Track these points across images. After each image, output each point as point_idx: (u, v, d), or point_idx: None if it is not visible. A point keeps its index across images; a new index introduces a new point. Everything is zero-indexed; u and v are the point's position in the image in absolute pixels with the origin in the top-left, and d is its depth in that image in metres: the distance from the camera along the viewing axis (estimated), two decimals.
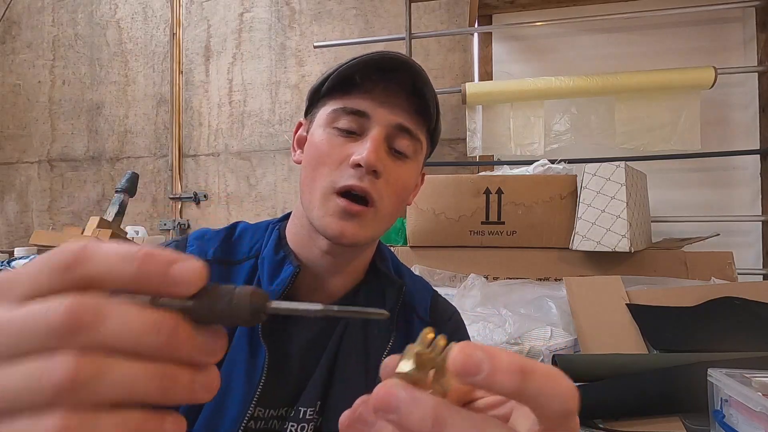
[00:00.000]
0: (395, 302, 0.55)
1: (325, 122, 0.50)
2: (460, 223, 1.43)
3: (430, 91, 0.49)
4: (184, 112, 2.42)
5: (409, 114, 0.50)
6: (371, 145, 0.46)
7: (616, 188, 1.28)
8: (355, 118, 0.48)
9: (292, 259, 0.53)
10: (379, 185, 0.48)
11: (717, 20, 1.80)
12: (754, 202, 1.76)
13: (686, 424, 0.84)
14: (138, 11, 2.49)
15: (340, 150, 0.48)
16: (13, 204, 2.61)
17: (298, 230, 0.54)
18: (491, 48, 2.03)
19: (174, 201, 2.40)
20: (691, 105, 1.62)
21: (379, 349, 0.53)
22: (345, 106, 0.49)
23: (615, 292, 1.14)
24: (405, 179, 0.51)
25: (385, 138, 0.48)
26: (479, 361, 0.18)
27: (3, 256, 1.43)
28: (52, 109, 2.57)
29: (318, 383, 0.51)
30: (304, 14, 2.28)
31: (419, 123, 0.51)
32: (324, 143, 0.49)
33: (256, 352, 0.49)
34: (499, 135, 1.78)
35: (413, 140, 0.51)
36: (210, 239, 0.56)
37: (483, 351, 0.18)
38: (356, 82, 0.48)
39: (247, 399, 0.48)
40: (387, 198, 0.49)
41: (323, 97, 0.52)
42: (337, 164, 0.48)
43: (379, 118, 0.48)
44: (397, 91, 0.49)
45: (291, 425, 0.50)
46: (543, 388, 0.18)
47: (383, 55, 0.47)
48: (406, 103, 0.49)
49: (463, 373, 0.18)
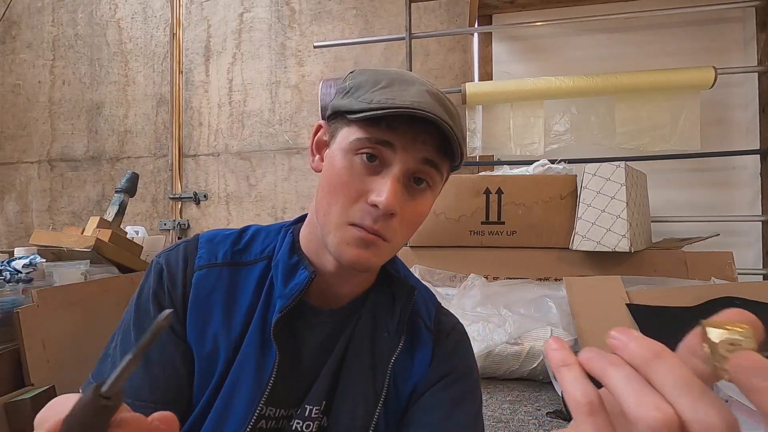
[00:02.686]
0: (406, 305, 0.55)
1: (347, 149, 0.49)
2: (460, 223, 1.43)
3: (458, 140, 0.48)
4: (184, 112, 2.42)
5: (434, 150, 0.49)
6: (391, 187, 0.46)
7: (616, 188, 1.28)
8: (379, 147, 0.48)
9: (306, 264, 0.53)
10: (393, 224, 0.48)
11: (717, 20, 1.80)
12: (754, 202, 1.76)
13: None
14: (138, 11, 2.49)
15: (360, 183, 0.47)
16: (13, 204, 2.61)
17: (312, 239, 0.54)
18: (491, 48, 2.03)
19: (174, 201, 2.40)
20: (691, 105, 1.62)
21: (387, 352, 0.53)
22: (371, 136, 0.47)
23: (615, 292, 1.14)
24: (421, 212, 0.51)
25: (405, 172, 0.48)
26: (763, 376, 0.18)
27: (3, 256, 1.43)
28: (52, 109, 2.57)
29: (325, 383, 0.51)
30: (304, 14, 2.28)
31: (443, 158, 0.50)
32: (345, 172, 0.48)
33: (266, 352, 0.50)
34: (499, 135, 1.78)
35: (435, 169, 0.50)
36: (220, 242, 0.56)
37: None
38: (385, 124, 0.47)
39: (255, 398, 0.48)
40: (400, 234, 0.50)
41: (347, 116, 0.51)
42: (354, 198, 0.48)
43: (404, 152, 0.48)
44: (424, 135, 0.48)
45: (297, 422, 0.50)
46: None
47: (416, 111, 0.45)
48: (431, 138, 0.49)
49: (746, 382, 0.19)
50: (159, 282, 0.52)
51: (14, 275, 1.28)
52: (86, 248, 1.50)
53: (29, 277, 1.30)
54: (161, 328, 0.25)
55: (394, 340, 0.54)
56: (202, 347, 0.51)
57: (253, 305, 0.52)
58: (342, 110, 0.50)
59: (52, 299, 1.22)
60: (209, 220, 2.38)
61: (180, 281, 0.52)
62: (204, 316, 0.51)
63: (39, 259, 1.34)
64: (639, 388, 0.21)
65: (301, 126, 2.28)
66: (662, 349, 0.21)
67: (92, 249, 1.50)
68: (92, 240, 1.50)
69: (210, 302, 0.52)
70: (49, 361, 1.17)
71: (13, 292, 1.23)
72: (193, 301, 0.52)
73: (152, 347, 0.51)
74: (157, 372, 0.49)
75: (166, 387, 0.49)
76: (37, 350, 1.15)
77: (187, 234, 2.40)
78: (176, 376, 0.50)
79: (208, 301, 0.52)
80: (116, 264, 1.56)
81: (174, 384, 0.50)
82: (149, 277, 0.53)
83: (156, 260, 0.54)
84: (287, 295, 0.51)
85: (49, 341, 1.19)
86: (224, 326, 0.51)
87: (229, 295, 0.53)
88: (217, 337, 0.51)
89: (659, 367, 0.21)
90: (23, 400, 1.04)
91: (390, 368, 0.53)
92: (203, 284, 0.52)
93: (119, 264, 1.56)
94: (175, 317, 0.51)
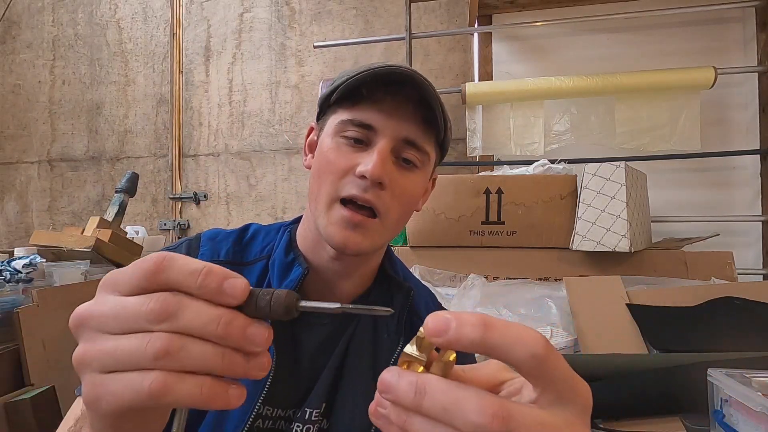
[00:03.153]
0: (403, 306, 0.55)
1: (333, 132, 0.50)
2: (460, 223, 1.43)
3: (437, 103, 0.49)
4: (184, 112, 2.42)
5: (416, 125, 0.50)
6: (377, 157, 0.47)
7: (616, 188, 1.28)
8: (362, 129, 0.49)
9: (301, 261, 0.53)
10: (385, 197, 0.48)
11: (717, 20, 1.80)
12: (754, 202, 1.76)
13: (686, 424, 0.84)
14: (138, 11, 2.49)
15: (347, 159, 0.48)
16: (13, 204, 2.61)
17: (308, 234, 0.55)
18: (491, 48, 2.03)
19: (174, 201, 2.41)
20: (691, 105, 1.62)
21: (387, 353, 0.54)
22: (353, 117, 0.49)
23: (615, 292, 1.14)
24: (411, 189, 0.51)
25: (391, 149, 0.49)
26: (447, 320, 0.21)
27: (3, 256, 1.43)
28: (52, 109, 2.57)
29: (325, 385, 0.51)
30: (304, 14, 2.28)
31: (427, 134, 0.51)
32: (331, 152, 0.49)
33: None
34: (499, 135, 1.78)
35: (420, 152, 0.51)
36: (222, 240, 0.56)
37: (449, 313, 0.22)
38: (364, 95, 0.48)
39: (253, 397, 0.48)
40: (392, 209, 0.49)
41: (332, 105, 0.52)
42: (342, 173, 0.48)
43: (386, 131, 0.48)
44: (404, 103, 0.49)
45: (297, 425, 0.50)
46: (504, 336, 0.21)
47: (390, 69, 0.47)
48: (413, 114, 0.50)
49: (435, 332, 0.21)
50: None
51: (14, 275, 1.28)
52: (86, 248, 1.50)
53: (29, 277, 1.30)
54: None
55: (394, 341, 0.54)
56: None
57: None
58: (324, 97, 0.51)
59: (52, 299, 1.22)
60: (209, 220, 2.38)
61: None
62: None
63: (39, 259, 1.34)
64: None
65: (301, 126, 2.28)
66: (425, 386, 0.22)
67: (92, 249, 1.50)
68: (92, 240, 1.50)
69: None
70: (49, 361, 1.17)
71: (13, 292, 1.23)
72: None
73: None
74: None
75: None
76: (37, 350, 1.15)
77: (187, 234, 2.40)
78: None
79: None
80: (116, 264, 1.56)
81: None
82: None
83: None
84: None
85: (49, 341, 1.19)
86: None
87: None
88: None
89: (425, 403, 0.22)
90: (23, 400, 1.04)
91: None
92: None
93: (119, 264, 1.56)
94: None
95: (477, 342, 0.21)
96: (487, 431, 0.20)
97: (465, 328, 0.21)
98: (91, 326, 0.25)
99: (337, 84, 0.50)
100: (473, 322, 0.21)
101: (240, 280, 0.25)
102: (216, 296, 0.25)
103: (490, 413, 0.20)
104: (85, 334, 0.25)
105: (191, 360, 0.24)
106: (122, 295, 0.25)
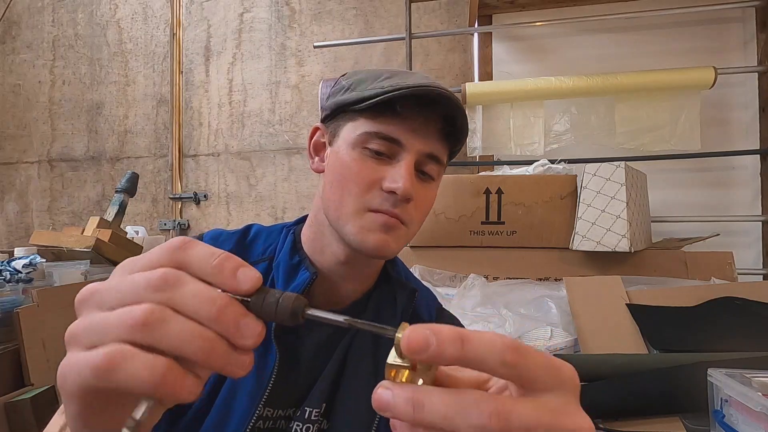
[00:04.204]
0: (407, 306, 0.56)
1: (354, 142, 0.49)
2: (460, 223, 1.43)
3: (463, 121, 0.50)
4: (184, 112, 2.42)
5: (440, 141, 0.50)
6: (406, 174, 0.47)
7: (616, 188, 1.28)
8: (387, 143, 0.48)
9: (307, 264, 0.53)
10: (410, 209, 0.49)
11: (717, 20, 1.80)
12: (754, 202, 1.76)
13: (686, 424, 0.84)
14: (138, 11, 2.49)
15: (372, 172, 0.48)
16: (13, 204, 2.61)
17: (315, 237, 0.54)
18: (491, 48, 2.03)
19: (174, 201, 2.41)
20: (691, 105, 1.62)
21: (389, 353, 0.53)
22: (379, 131, 0.48)
23: (615, 292, 1.14)
24: (431, 200, 0.53)
25: (415, 164, 0.49)
26: (426, 337, 0.21)
27: (3, 256, 1.43)
28: (52, 109, 2.57)
29: (325, 385, 0.51)
30: (304, 14, 2.28)
31: (446, 147, 0.52)
32: (355, 163, 0.49)
33: (267, 352, 0.50)
34: (499, 135, 1.78)
35: (439, 165, 0.52)
36: (224, 241, 0.56)
37: (428, 329, 0.21)
38: (397, 111, 0.48)
39: (255, 398, 0.48)
40: (416, 219, 0.51)
41: (351, 111, 0.51)
42: (368, 186, 0.48)
43: (413, 147, 0.48)
44: (432, 119, 0.49)
45: (296, 425, 0.50)
46: (478, 348, 0.21)
47: (426, 89, 0.46)
48: (439, 131, 0.50)
49: (415, 350, 0.21)
50: None
51: (14, 275, 1.28)
52: (86, 248, 1.50)
53: (29, 277, 1.30)
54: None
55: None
56: None
57: None
58: (347, 103, 0.50)
59: (52, 299, 1.22)
60: (209, 220, 2.38)
61: None
62: None
63: (39, 259, 1.34)
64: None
65: (301, 126, 2.28)
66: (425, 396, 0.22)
67: (92, 249, 1.50)
68: (92, 240, 1.50)
69: None
70: (49, 361, 1.17)
71: (13, 292, 1.23)
72: None
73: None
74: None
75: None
76: (37, 350, 1.15)
77: (187, 234, 2.40)
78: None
79: None
80: (116, 264, 1.56)
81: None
82: None
83: None
84: None
85: (49, 341, 1.19)
86: None
87: None
88: None
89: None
90: (23, 400, 1.04)
91: None
92: None
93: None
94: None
95: (456, 357, 0.21)
96: (489, 431, 0.20)
97: (444, 346, 0.21)
98: (92, 302, 0.24)
99: (368, 95, 0.48)
100: (452, 337, 0.21)
101: (255, 271, 0.25)
102: (227, 280, 0.24)
103: (488, 413, 0.20)
104: (84, 311, 0.25)
105: (167, 338, 0.22)
106: (133, 273, 0.25)
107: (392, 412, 0.22)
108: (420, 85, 0.46)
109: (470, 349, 0.21)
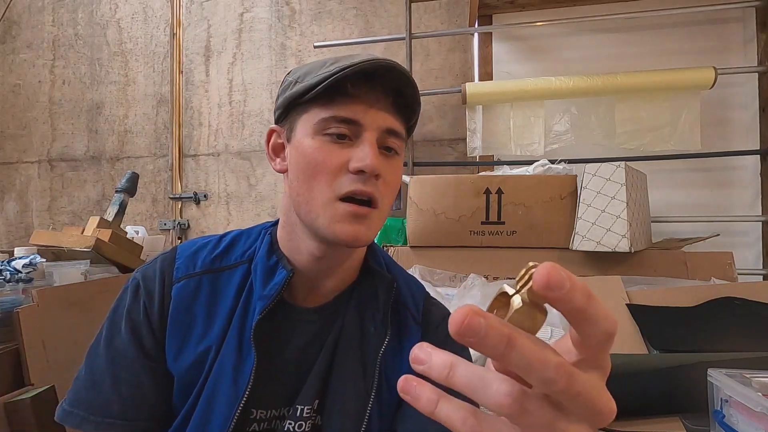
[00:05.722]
0: (387, 298, 0.55)
1: (312, 131, 0.49)
2: (460, 223, 1.43)
3: (414, 91, 0.50)
4: (184, 112, 2.42)
5: (394, 114, 0.51)
6: (371, 151, 0.47)
7: (616, 188, 1.28)
8: (345, 125, 0.48)
9: (284, 263, 0.53)
10: (380, 186, 0.49)
11: (717, 20, 1.80)
12: (754, 202, 1.76)
13: (686, 424, 0.84)
14: (138, 11, 2.49)
15: (337, 157, 0.48)
16: (13, 204, 2.61)
17: (290, 237, 0.54)
18: (491, 48, 2.03)
19: (174, 201, 2.40)
20: (691, 105, 1.62)
21: (375, 346, 0.53)
22: (335, 114, 0.48)
23: (615, 292, 1.14)
24: (398, 175, 0.53)
25: (376, 140, 0.49)
26: (563, 279, 0.20)
27: (3, 256, 1.43)
28: (52, 109, 2.57)
29: (315, 382, 0.51)
30: (304, 14, 2.28)
31: (402, 120, 0.52)
32: (318, 152, 0.49)
33: (245, 357, 0.50)
34: (499, 135, 1.78)
35: (400, 139, 0.52)
36: (198, 250, 0.56)
37: (565, 271, 0.21)
38: (345, 90, 0.48)
39: (233, 403, 0.48)
40: (386, 197, 0.51)
41: (302, 104, 0.51)
42: (336, 171, 0.48)
43: (371, 124, 0.49)
44: (383, 93, 0.49)
45: (289, 423, 0.50)
46: (599, 309, 0.21)
47: (371, 62, 0.47)
48: (392, 104, 0.50)
49: (549, 286, 0.20)
50: (135, 299, 0.52)
51: (14, 275, 1.28)
52: (86, 248, 1.50)
53: (29, 277, 1.30)
54: None
55: (381, 334, 0.54)
56: (184, 360, 0.50)
57: (233, 310, 0.52)
58: (296, 96, 0.50)
59: (52, 299, 1.22)
60: (209, 220, 2.38)
61: (158, 296, 0.51)
62: (185, 328, 0.51)
63: (39, 259, 1.34)
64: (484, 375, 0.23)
65: None
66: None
67: (92, 249, 1.49)
68: (92, 240, 1.50)
69: (192, 312, 0.52)
70: (49, 361, 1.17)
71: (13, 292, 1.23)
72: (174, 313, 0.51)
73: (120, 366, 0.51)
74: (125, 391, 0.49)
75: (135, 405, 0.49)
76: (37, 350, 1.15)
77: (187, 234, 2.40)
78: (142, 396, 0.49)
79: (190, 311, 0.52)
80: (116, 264, 1.56)
81: (142, 403, 0.49)
82: (125, 294, 0.53)
83: (133, 276, 0.54)
84: (266, 296, 0.51)
85: (49, 341, 1.19)
86: (206, 334, 0.51)
87: (211, 302, 0.52)
88: (199, 347, 0.50)
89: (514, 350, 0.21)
90: (23, 400, 1.04)
91: (379, 362, 0.53)
92: (183, 295, 0.52)
93: (119, 264, 1.56)
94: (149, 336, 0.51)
95: (580, 309, 0.21)
96: (556, 387, 0.21)
97: (576, 293, 0.20)
98: None
99: (315, 82, 0.48)
100: (582, 288, 0.21)
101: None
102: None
103: (562, 371, 0.21)
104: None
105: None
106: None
107: (481, 342, 0.21)
108: (365, 60, 0.47)
109: (592, 308, 0.21)
